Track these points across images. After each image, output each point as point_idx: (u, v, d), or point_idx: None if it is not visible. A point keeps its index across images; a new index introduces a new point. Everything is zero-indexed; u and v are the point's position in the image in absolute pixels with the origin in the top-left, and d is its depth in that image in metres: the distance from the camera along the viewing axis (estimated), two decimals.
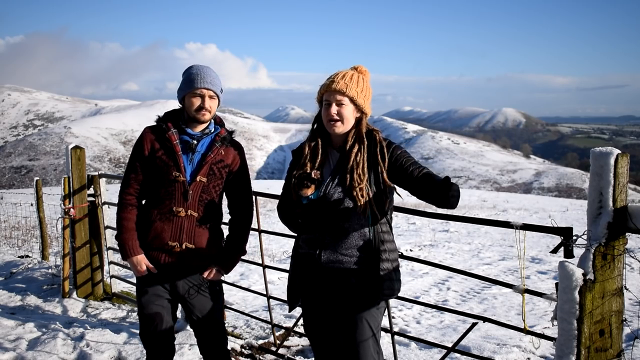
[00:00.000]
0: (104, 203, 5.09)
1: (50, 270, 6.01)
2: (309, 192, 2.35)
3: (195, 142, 2.67)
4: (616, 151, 2.05)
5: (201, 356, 3.72)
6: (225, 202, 2.85)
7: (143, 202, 2.77)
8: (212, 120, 2.77)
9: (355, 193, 2.30)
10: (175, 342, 2.92)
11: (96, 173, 5.08)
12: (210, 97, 2.65)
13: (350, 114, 2.40)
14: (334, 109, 2.38)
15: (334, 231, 2.37)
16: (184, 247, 2.65)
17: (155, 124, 2.72)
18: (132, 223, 2.68)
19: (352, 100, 2.39)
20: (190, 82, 2.62)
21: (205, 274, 2.72)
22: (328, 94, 2.40)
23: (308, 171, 2.39)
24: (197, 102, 2.63)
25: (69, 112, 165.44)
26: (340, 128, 2.40)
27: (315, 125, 2.51)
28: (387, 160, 2.35)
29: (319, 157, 2.43)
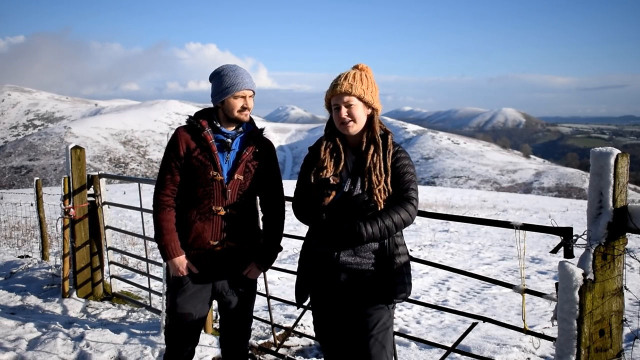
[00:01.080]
0: (104, 203, 5.09)
1: (50, 270, 6.01)
2: (330, 199, 2.38)
3: (230, 140, 2.66)
4: (616, 151, 2.05)
5: (218, 353, 3.69)
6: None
7: (179, 202, 2.73)
8: None
9: (375, 196, 2.32)
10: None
11: (96, 173, 5.08)
12: (250, 96, 2.67)
13: (361, 113, 2.41)
14: (344, 111, 2.39)
15: None
16: (225, 246, 2.64)
17: (187, 123, 2.69)
18: (172, 224, 2.66)
19: (360, 99, 2.40)
20: (232, 85, 2.61)
21: (245, 272, 2.72)
22: (335, 98, 2.42)
23: (328, 175, 2.40)
24: (240, 103, 2.63)
25: (69, 112, 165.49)
26: (354, 127, 2.41)
27: (328, 131, 2.51)
28: (389, 163, 2.38)
29: (342, 161, 2.44)
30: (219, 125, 2.66)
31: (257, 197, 2.84)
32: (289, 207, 2.79)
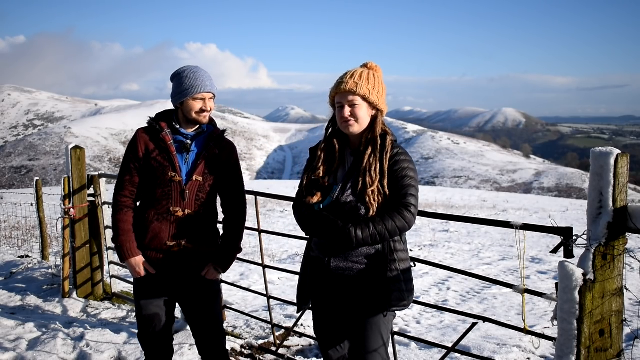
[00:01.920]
0: (104, 203, 5.09)
1: (50, 270, 6.01)
2: (315, 199, 2.35)
3: (189, 141, 2.68)
4: (616, 151, 2.05)
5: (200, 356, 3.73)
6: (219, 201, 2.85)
7: (138, 203, 2.77)
8: None
9: (367, 197, 2.26)
10: (175, 342, 2.92)
11: (96, 173, 5.08)
12: (210, 98, 2.68)
13: (364, 113, 2.36)
14: (346, 110, 2.34)
15: None
16: (182, 246, 2.66)
17: (147, 125, 2.72)
18: (129, 225, 2.69)
19: (365, 99, 2.35)
20: (191, 87, 2.62)
21: (203, 273, 2.73)
22: (339, 95, 2.36)
23: (320, 175, 2.37)
24: (198, 105, 2.64)
25: (69, 112, 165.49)
26: (356, 127, 2.36)
27: (330, 128, 2.48)
28: (386, 165, 2.32)
29: (337, 160, 2.40)
30: (178, 126, 2.68)
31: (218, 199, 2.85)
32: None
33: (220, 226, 2.87)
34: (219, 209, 2.84)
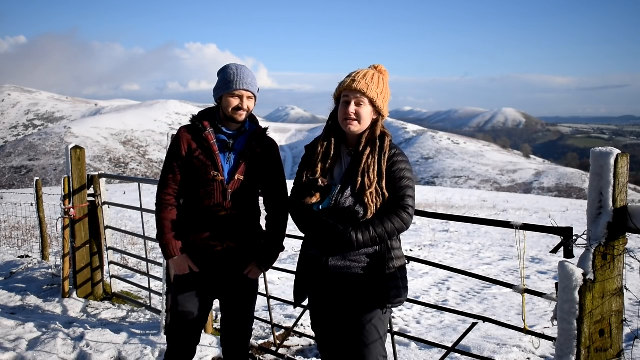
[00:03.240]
0: (104, 203, 5.09)
1: (50, 270, 6.01)
2: (313, 200, 2.36)
3: (231, 140, 2.66)
4: (616, 151, 2.05)
5: (219, 353, 3.70)
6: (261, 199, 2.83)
7: (181, 201, 2.74)
8: (247, 118, 2.76)
9: (366, 198, 2.28)
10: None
11: (96, 173, 5.08)
12: (248, 97, 2.65)
13: (367, 115, 2.38)
14: (352, 107, 2.35)
15: None
16: (225, 245, 2.64)
17: (190, 123, 2.71)
18: (173, 223, 2.67)
19: (372, 102, 2.37)
20: (229, 83, 2.61)
21: (246, 272, 2.72)
22: (348, 91, 2.37)
23: (318, 174, 2.38)
24: (235, 102, 2.62)
25: (69, 112, 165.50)
26: (356, 127, 2.37)
27: (330, 123, 2.49)
28: (384, 166, 2.34)
29: (331, 158, 2.41)
30: (220, 125, 2.66)
31: (261, 197, 2.84)
32: None
33: (262, 224, 2.85)
34: (262, 207, 2.82)
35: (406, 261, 2.55)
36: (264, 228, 2.83)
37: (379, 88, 2.38)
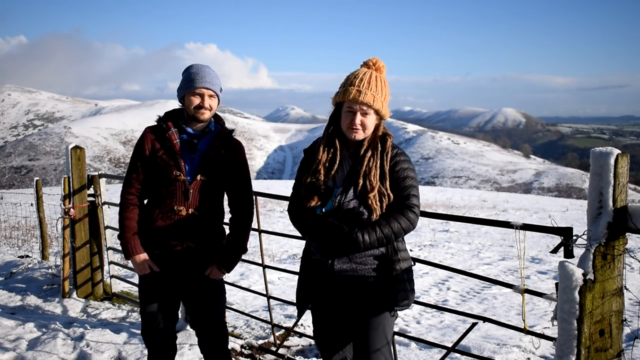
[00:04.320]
0: (104, 203, 5.09)
1: (50, 270, 6.01)
2: (312, 204, 2.35)
3: (195, 140, 2.68)
4: (616, 151, 2.05)
5: (201, 356, 3.72)
6: (226, 200, 2.85)
7: (145, 201, 2.78)
8: (212, 119, 2.77)
9: (369, 200, 2.26)
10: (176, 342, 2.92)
11: (96, 173, 5.08)
12: (210, 96, 2.67)
13: (372, 123, 2.37)
14: (358, 119, 2.32)
15: None
16: (185, 245, 2.66)
17: (155, 123, 2.73)
18: (134, 222, 2.70)
19: (377, 112, 2.35)
20: (190, 82, 2.64)
21: (207, 272, 2.73)
22: (352, 102, 2.32)
23: (322, 177, 2.36)
24: (196, 100, 2.64)
25: (69, 112, 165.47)
26: (361, 135, 2.36)
27: (331, 128, 2.44)
28: (387, 167, 2.33)
29: (337, 164, 2.38)
30: (184, 125, 2.68)
31: (226, 198, 2.85)
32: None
33: (226, 226, 2.87)
34: (227, 209, 2.84)
35: (412, 263, 2.52)
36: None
37: (382, 95, 2.35)
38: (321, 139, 2.46)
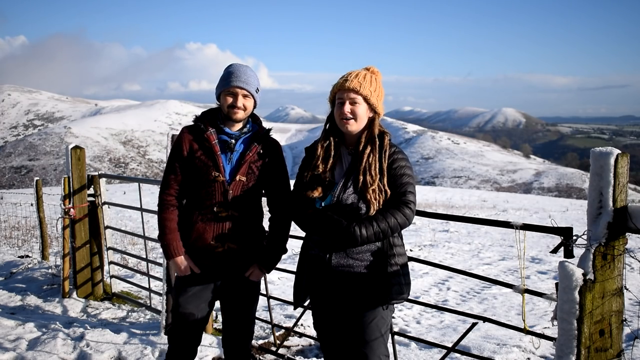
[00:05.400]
0: (104, 203, 5.09)
1: (50, 270, 6.01)
2: (316, 194, 2.38)
3: (233, 141, 2.65)
4: (616, 151, 2.05)
5: (213, 356, 3.71)
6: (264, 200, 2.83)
7: (183, 202, 2.74)
8: (250, 119, 2.75)
9: (368, 195, 2.31)
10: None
11: (96, 173, 5.09)
12: (244, 95, 2.64)
13: (363, 113, 2.41)
14: (347, 107, 2.39)
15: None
16: (226, 247, 2.63)
17: (192, 123, 2.71)
18: (174, 223, 2.67)
19: (366, 99, 2.41)
20: (225, 80, 2.62)
21: (247, 274, 2.71)
22: (341, 92, 2.42)
23: (320, 171, 2.40)
24: (230, 100, 2.62)
25: (69, 112, 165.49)
26: (354, 126, 2.41)
27: (327, 125, 2.52)
28: (385, 164, 2.37)
29: (332, 158, 2.44)
30: (222, 125, 2.66)
31: (265, 198, 2.83)
32: None
33: (266, 226, 2.84)
34: (265, 209, 2.82)
35: (408, 257, 2.56)
36: (267, 229, 2.82)
37: (372, 86, 2.42)
38: (319, 139, 2.52)
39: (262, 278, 2.93)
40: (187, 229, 2.66)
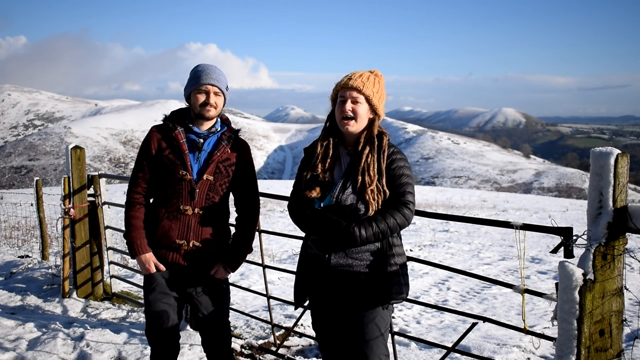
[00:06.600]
0: (104, 203, 5.09)
1: (50, 270, 6.01)
2: (314, 194, 2.38)
3: (201, 140, 2.68)
4: (616, 151, 2.05)
5: (202, 356, 3.73)
6: (232, 200, 2.86)
7: (151, 200, 2.78)
8: (219, 119, 2.78)
9: (367, 196, 2.32)
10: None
11: (96, 173, 5.08)
12: (215, 93, 2.67)
13: (364, 113, 2.42)
14: (349, 105, 2.40)
15: None
16: (191, 245, 2.67)
17: (162, 122, 2.74)
18: (140, 221, 2.70)
19: (368, 100, 2.41)
20: (196, 79, 2.65)
21: (212, 272, 2.74)
22: (344, 90, 2.42)
23: (319, 171, 2.41)
24: (202, 98, 2.65)
25: (69, 112, 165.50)
26: (354, 127, 2.41)
27: (328, 124, 2.52)
28: (384, 164, 2.37)
29: (330, 157, 2.45)
30: (191, 124, 2.69)
31: (232, 198, 2.85)
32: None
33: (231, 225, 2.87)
34: (232, 209, 2.85)
35: (407, 257, 2.57)
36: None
37: (374, 87, 2.43)
38: (318, 139, 2.53)
39: (262, 277, 2.94)
40: (153, 226, 2.69)
